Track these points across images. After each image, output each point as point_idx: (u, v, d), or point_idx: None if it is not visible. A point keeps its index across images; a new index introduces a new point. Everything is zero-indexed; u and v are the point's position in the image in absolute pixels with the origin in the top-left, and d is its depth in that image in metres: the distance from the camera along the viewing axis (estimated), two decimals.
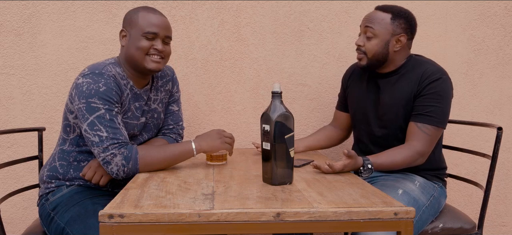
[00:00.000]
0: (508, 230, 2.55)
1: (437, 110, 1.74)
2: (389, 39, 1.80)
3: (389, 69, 1.87)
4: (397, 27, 1.80)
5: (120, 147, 1.56)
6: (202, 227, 1.14)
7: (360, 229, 1.18)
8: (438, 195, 1.82)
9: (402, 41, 1.81)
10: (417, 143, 1.73)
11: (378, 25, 1.80)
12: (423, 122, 1.74)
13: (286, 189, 1.36)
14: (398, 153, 1.73)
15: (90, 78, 1.59)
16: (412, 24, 1.84)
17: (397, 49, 1.82)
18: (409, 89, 1.80)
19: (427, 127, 1.73)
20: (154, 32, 1.68)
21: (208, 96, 2.38)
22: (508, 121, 2.47)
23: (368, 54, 1.83)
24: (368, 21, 1.83)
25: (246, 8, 2.34)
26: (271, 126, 1.39)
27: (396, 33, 1.80)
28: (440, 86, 1.75)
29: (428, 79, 1.76)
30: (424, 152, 1.74)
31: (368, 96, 1.92)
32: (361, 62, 1.87)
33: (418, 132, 1.74)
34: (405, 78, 1.83)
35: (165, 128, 1.94)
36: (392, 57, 1.83)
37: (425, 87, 1.76)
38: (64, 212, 1.61)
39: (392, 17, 1.80)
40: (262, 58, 2.38)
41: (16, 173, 2.32)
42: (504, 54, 2.45)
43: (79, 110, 1.58)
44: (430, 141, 1.74)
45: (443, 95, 1.75)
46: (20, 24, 2.26)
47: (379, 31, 1.80)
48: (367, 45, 1.82)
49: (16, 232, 2.32)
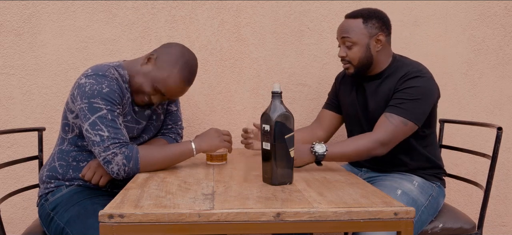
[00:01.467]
0: (508, 230, 2.55)
1: (409, 104, 1.71)
2: (368, 42, 1.81)
3: (375, 71, 1.87)
4: (371, 28, 1.81)
5: (121, 146, 1.56)
6: (202, 227, 1.14)
7: (360, 229, 1.18)
8: (437, 194, 1.82)
9: (382, 40, 1.82)
10: (380, 131, 1.70)
11: (353, 33, 1.81)
12: (392, 112, 1.72)
13: (286, 189, 1.37)
14: (356, 141, 1.71)
15: (93, 79, 1.60)
16: (384, 20, 1.84)
17: (379, 49, 1.83)
18: (390, 88, 1.80)
19: (394, 117, 1.70)
20: (163, 94, 1.70)
21: (208, 96, 2.38)
22: (508, 121, 2.47)
23: (353, 62, 1.83)
24: (343, 32, 1.84)
25: (246, 8, 2.34)
26: (271, 126, 1.39)
27: (373, 34, 1.81)
28: (417, 83, 1.74)
29: (405, 77, 1.76)
30: (385, 142, 1.69)
31: (357, 101, 1.92)
32: (349, 71, 1.87)
33: (384, 121, 1.71)
34: (389, 81, 1.83)
35: (164, 128, 1.94)
36: (377, 58, 1.84)
37: (402, 83, 1.76)
38: (63, 212, 1.61)
39: (363, 21, 1.81)
40: (262, 58, 2.38)
41: (16, 173, 2.32)
42: (504, 54, 2.45)
43: (81, 110, 1.58)
44: (395, 132, 1.69)
45: (419, 91, 1.73)
46: (20, 24, 2.26)
47: (356, 38, 1.81)
48: (350, 54, 1.83)
49: (16, 232, 2.32)
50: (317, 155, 1.62)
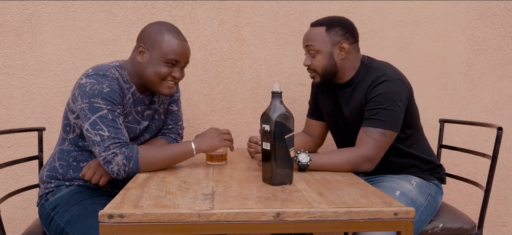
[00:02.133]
0: (508, 230, 2.55)
1: (382, 113, 1.70)
2: (331, 51, 1.80)
3: (343, 79, 1.86)
4: (334, 36, 1.80)
5: (121, 146, 1.56)
6: (202, 227, 1.14)
7: (360, 229, 1.18)
8: (435, 193, 1.82)
9: (345, 48, 1.80)
10: (362, 147, 1.68)
11: (316, 41, 1.81)
12: (369, 126, 1.70)
13: (286, 189, 1.36)
14: (341, 155, 1.69)
15: (93, 79, 1.60)
16: (349, 28, 1.83)
17: (343, 57, 1.81)
18: (360, 99, 1.79)
19: (372, 131, 1.69)
20: (176, 60, 1.67)
21: (208, 96, 2.38)
22: (508, 121, 2.47)
23: (318, 71, 1.83)
24: (307, 40, 1.84)
25: (246, 8, 2.34)
26: (271, 126, 1.39)
27: (336, 42, 1.80)
28: (385, 88, 1.72)
29: (373, 84, 1.75)
30: (370, 157, 1.67)
31: (335, 109, 1.92)
32: (315, 80, 1.87)
33: (363, 137, 1.70)
34: (359, 88, 1.82)
35: (164, 128, 1.94)
36: (341, 66, 1.82)
37: (371, 92, 1.74)
38: (63, 212, 1.61)
39: (326, 29, 1.80)
40: (262, 58, 2.38)
41: (16, 173, 2.32)
42: (504, 54, 2.45)
43: (82, 110, 1.58)
44: (377, 146, 1.68)
45: (388, 97, 1.71)
46: (20, 24, 2.26)
47: (319, 46, 1.80)
48: (314, 63, 1.83)
49: (16, 232, 2.32)
50: (300, 165, 1.61)
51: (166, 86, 1.69)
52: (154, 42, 1.66)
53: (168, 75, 1.68)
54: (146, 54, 1.68)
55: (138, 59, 1.69)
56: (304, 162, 1.61)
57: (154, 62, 1.66)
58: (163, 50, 1.65)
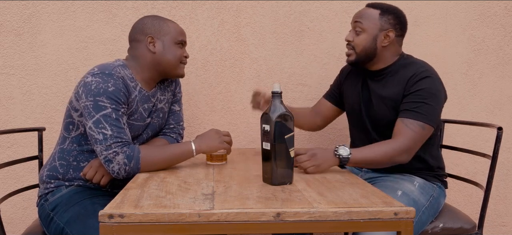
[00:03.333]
0: (508, 230, 2.55)
1: (424, 107, 1.70)
2: (377, 34, 1.81)
3: (378, 66, 1.86)
4: (385, 22, 1.81)
5: (123, 146, 1.56)
6: (202, 227, 1.14)
7: (360, 229, 1.18)
8: (437, 195, 1.82)
9: (391, 37, 1.81)
10: (401, 138, 1.69)
11: (366, 20, 1.81)
12: (409, 117, 1.71)
13: (286, 189, 1.36)
14: (379, 147, 1.70)
15: (99, 78, 1.60)
16: (401, 21, 1.84)
17: (385, 45, 1.82)
18: (397, 90, 1.79)
19: (412, 123, 1.69)
20: (184, 40, 1.81)
21: (208, 96, 2.38)
22: (508, 121, 2.47)
23: (357, 49, 1.83)
24: (357, 17, 1.85)
25: (246, 8, 2.34)
26: (271, 126, 1.39)
27: (384, 28, 1.81)
28: (428, 84, 1.73)
29: (416, 78, 1.75)
30: (408, 149, 1.68)
31: (360, 98, 1.92)
32: (349, 58, 1.87)
33: (403, 128, 1.70)
34: (394, 78, 1.82)
35: (166, 127, 1.94)
36: (381, 53, 1.83)
37: (413, 85, 1.74)
38: (63, 212, 1.61)
39: (380, 13, 1.81)
40: (262, 58, 2.38)
41: (16, 173, 2.32)
42: (504, 54, 2.45)
43: (86, 108, 1.58)
44: (415, 138, 1.69)
45: (431, 93, 1.72)
46: (20, 24, 2.26)
47: (367, 26, 1.81)
48: (356, 40, 1.83)
49: (16, 232, 2.32)
50: (342, 158, 1.62)
51: (182, 67, 1.83)
52: (161, 30, 1.76)
53: (184, 56, 1.82)
54: (158, 43, 1.75)
55: (152, 50, 1.75)
56: (345, 155, 1.62)
57: (169, 47, 1.76)
58: (172, 34, 1.77)
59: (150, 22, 1.77)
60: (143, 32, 1.75)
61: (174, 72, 1.80)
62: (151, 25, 1.76)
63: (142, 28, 1.76)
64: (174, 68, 1.79)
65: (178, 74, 1.82)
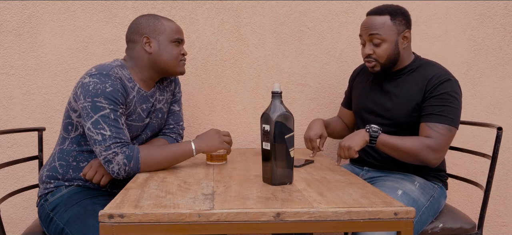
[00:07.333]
0: (508, 230, 2.55)
1: (448, 110, 1.72)
2: (397, 39, 1.81)
3: (397, 67, 1.87)
4: (399, 25, 1.81)
5: (122, 146, 1.56)
6: (202, 227, 1.14)
7: (360, 229, 1.18)
8: (438, 195, 1.82)
9: (408, 37, 1.83)
10: (431, 138, 1.70)
11: (382, 29, 1.79)
12: (435, 121, 1.72)
13: (286, 189, 1.37)
14: (408, 139, 1.71)
15: (97, 78, 1.60)
16: (408, 17, 1.85)
17: (405, 46, 1.84)
18: (415, 91, 1.79)
19: (438, 126, 1.70)
20: (180, 38, 1.79)
21: (208, 96, 2.38)
22: (508, 121, 2.47)
23: (380, 60, 1.82)
24: (370, 29, 1.80)
25: (246, 8, 2.34)
26: (271, 126, 1.39)
27: (401, 31, 1.81)
28: (450, 87, 1.74)
29: (437, 81, 1.75)
30: (436, 148, 1.68)
31: (371, 97, 1.92)
32: (375, 69, 1.85)
33: (429, 131, 1.71)
34: (411, 79, 1.83)
35: (165, 127, 1.94)
36: (402, 55, 1.84)
37: (435, 89, 1.75)
38: (63, 213, 1.61)
39: (391, 18, 1.80)
40: (262, 58, 2.38)
41: (16, 173, 2.32)
42: (504, 54, 2.45)
43: (84, 109, 1.58)
44: (444, 140, 1.70)
45: (453, 95, 1.74)
46: (20, 24, 2.26)
47: (386, 35, 1.79)
48: (378, 51, 1.81)
49: (16, 232, 2.32)
50: (371, 133, 1.68)
51: (182, 65, 1.82)
52: (156, 29, 1.74)
53: (182, 53, 1.81)
54: (154, 43, 1.74)
55: (148, 50, 1.74)
56: (375, 129, 1.67)
57: (165, 46, 1.75)
58: (168, 32, 1.76)
59: (145, 21, 1.76)
60: (139, 32, 1.75)
61: (174, 70, 1.80)
62: (146, 25, 1.75)
63: (138, 28, 1.76)
64: (173, 67, 1.78)
65: (178, 72, 1.81)
